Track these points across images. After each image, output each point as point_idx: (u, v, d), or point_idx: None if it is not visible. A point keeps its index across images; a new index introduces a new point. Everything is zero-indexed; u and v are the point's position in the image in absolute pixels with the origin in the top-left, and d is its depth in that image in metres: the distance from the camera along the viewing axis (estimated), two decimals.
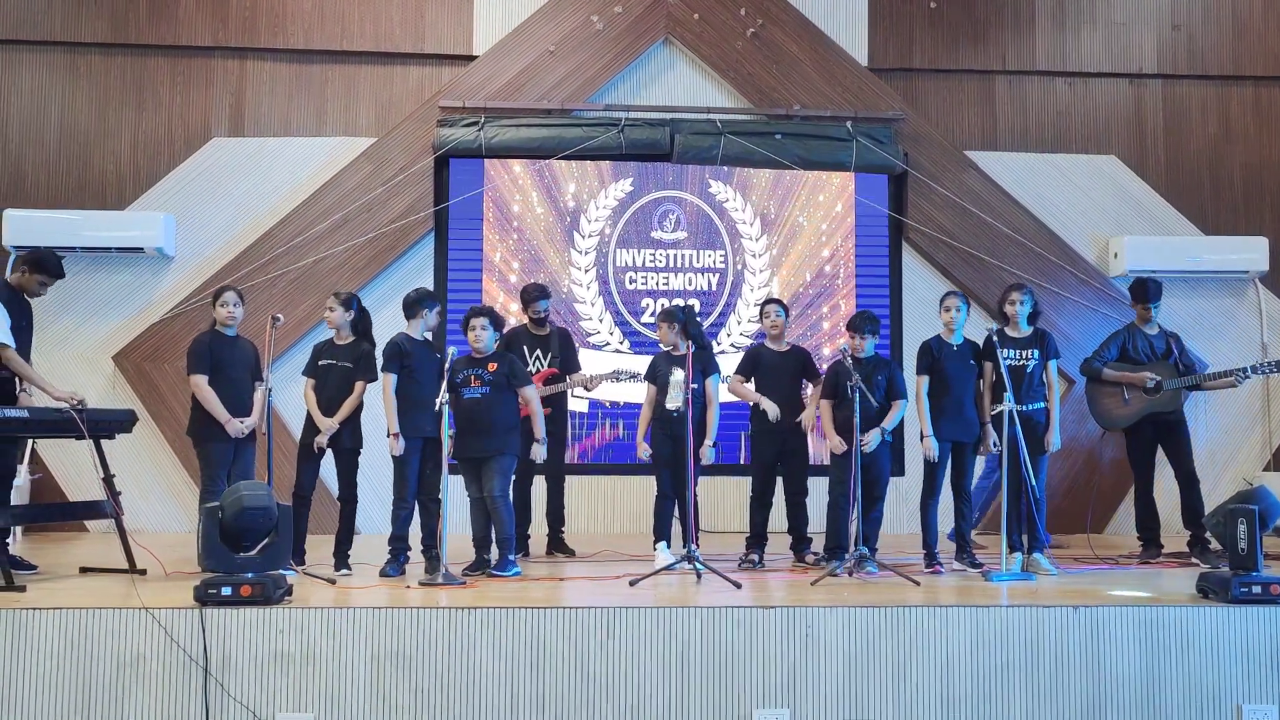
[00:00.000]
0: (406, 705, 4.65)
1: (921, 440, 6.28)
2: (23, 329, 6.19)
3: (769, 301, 6.85)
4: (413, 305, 6.22)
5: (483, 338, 6.09)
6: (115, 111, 8.87)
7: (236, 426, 6.10)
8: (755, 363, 6.68)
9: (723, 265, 9.05)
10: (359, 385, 6.25)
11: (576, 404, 8.41)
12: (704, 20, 8.99)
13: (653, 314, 8.93)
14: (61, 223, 8.42)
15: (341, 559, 6.14)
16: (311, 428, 6.26)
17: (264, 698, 4.63)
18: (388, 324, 8.13)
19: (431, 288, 8.28)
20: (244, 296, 6.46)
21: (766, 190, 9.07)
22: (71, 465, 8.31)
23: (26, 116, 8.82)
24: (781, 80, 9.02)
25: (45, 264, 6.28)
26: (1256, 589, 4.94)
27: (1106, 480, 8.43)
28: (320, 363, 6.28)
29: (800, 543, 6.63)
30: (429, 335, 6.25)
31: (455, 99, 8.77)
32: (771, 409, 6.50)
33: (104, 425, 6.17)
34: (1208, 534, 6.45)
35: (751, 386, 6.65)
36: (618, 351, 8.83)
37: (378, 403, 6.14)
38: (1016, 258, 8.93)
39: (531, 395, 6.22)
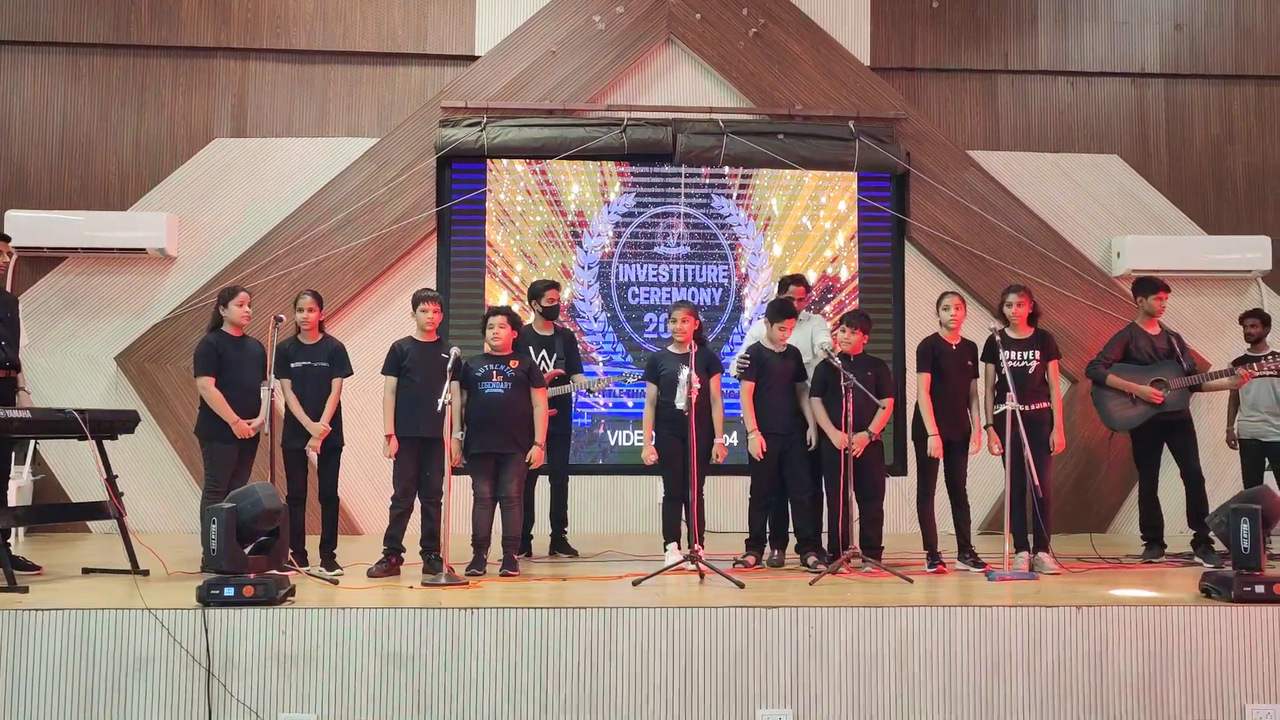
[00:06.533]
0: (409, 706, 4.65)
1: (927, 439, 6.27)
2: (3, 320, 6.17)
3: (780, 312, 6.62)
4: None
5: (502, 336, 6.10)
6: (117, 112, 8.88)
7: (243, 428, 6.09)
8: (757, 364, 6.61)
9: (726, 280, 9.04)
10: (337, 383, 6.28)
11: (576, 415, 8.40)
12: (706, 20, 8.98)
13: (655, 329, 8.92)
14: (63, 223, 8.42)
15: (329, 559, 6.15)
16: (293, 431, 6.26)
17: (267, 698, 4.63)
18: (392, 324, 8.18)
19: (434, 288, 8.29)
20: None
21: (769, 192, 9.07)
22: (74, 466, 8.31)
23: (28, 117, 8.82)
24: (784, 80, 9.02)
25: None
26: (1259, 588, 4.94)
27: (1110, 480, 8.42)
28: (294, 365, 6.26)
29: (803, 544, 6.62)
30: (431, 332, 6.24)
31: (457, 99, 8.77)
32: (755, 446, 6.39)
33: (106, 426, 6.18)
34: (1211, 533, 6.44)
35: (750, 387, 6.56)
36: (622, 366, 8.81)
37: (364, 401, 6.14)
38: (1019, 257, 8.92)
39: (542, 398, 6.23)
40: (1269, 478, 7.17)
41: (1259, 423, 7.19)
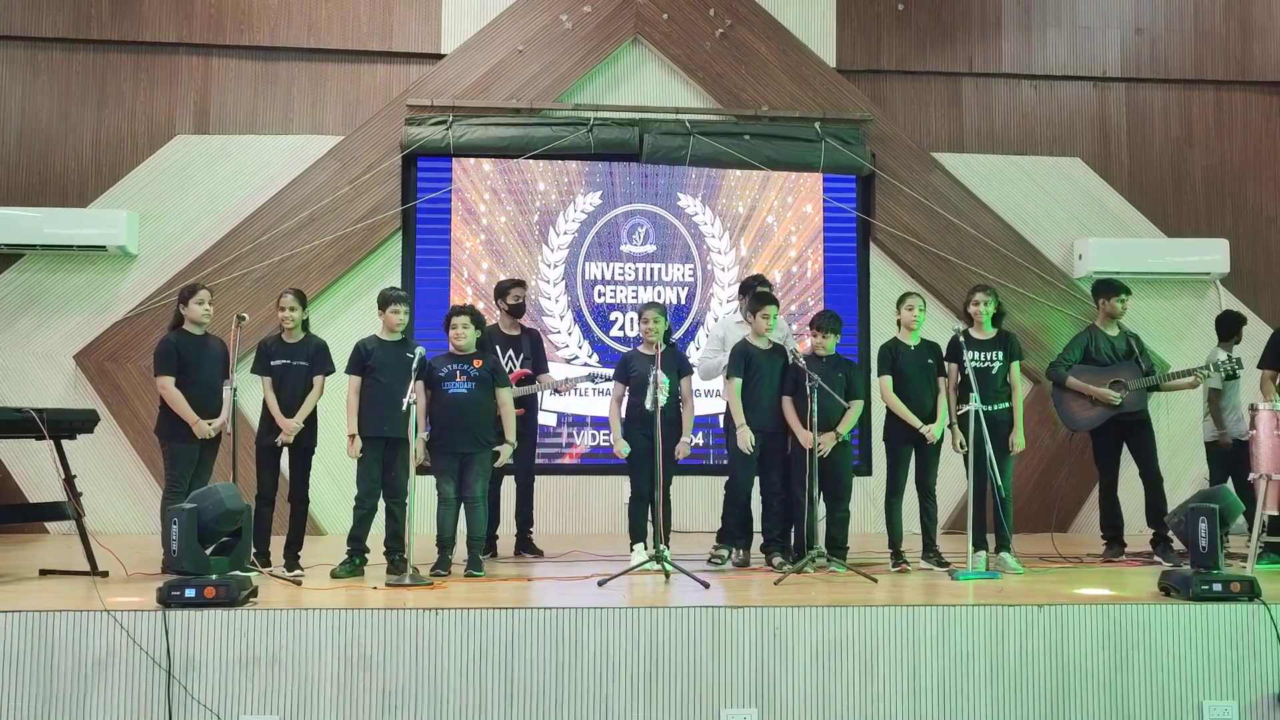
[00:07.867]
0: (373, 707, 4.62)
1: (898, 439, 6.33)
2: None
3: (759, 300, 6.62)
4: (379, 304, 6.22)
5: (465, 335, 6.07)
6: (77, 108, 8.76)
7: (203, 428, 6.02)
8: (745, 361, 6.50)
9: (692, 279, 9.06)
10: (319, 380, 6.24)
11: (544, 417, 8.39)
12: (673, 20, 8.99)
13: (621, 328, 8.92)
14: (22, 220, 8.31)
15: (293, 560, 6.11)
16: (267, 428, 6.21)
17: (228, 700, 4.58)
18: (356, 322, 8.12)
19: (399, 286, 8.24)
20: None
21: (736, 193, 9.09)
22: (32, 466, 8.20)
23: None
24: (750, 81, 9.04)
25: None
26: (1217, 587, 5.00)
27: (1071, 479, 8.50)
28: (274, 363, 6.22)
29: (768, 543, 6.64)
30: (399, 333, 6.21)
31: (423, 97, 8.73)
32: (745, 440, 6.35)
33: (65, 425, 6.09)
34: (1170, 532, 6.51)
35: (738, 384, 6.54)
36: (586, 365, 8.80)
37: (333, 401, 6.11)
38: (982, 259, 9.00)
39: (508, 397, 6.21)
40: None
41: (1240, 421, 7.15)
